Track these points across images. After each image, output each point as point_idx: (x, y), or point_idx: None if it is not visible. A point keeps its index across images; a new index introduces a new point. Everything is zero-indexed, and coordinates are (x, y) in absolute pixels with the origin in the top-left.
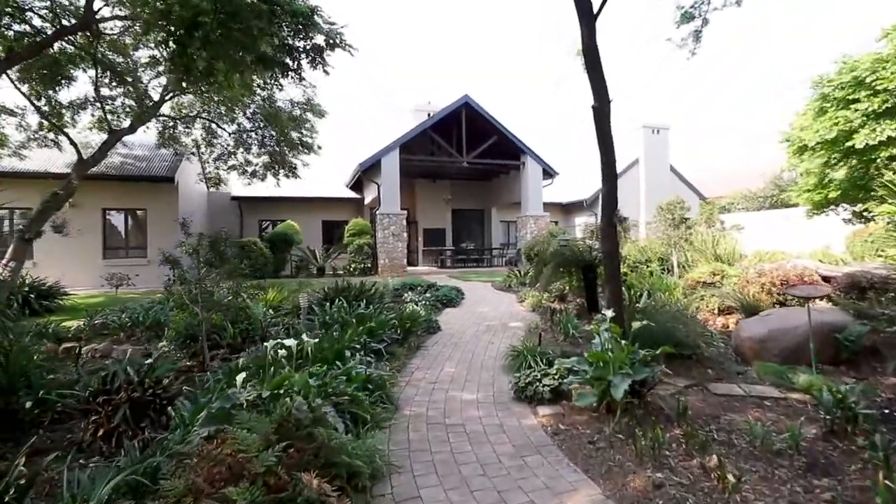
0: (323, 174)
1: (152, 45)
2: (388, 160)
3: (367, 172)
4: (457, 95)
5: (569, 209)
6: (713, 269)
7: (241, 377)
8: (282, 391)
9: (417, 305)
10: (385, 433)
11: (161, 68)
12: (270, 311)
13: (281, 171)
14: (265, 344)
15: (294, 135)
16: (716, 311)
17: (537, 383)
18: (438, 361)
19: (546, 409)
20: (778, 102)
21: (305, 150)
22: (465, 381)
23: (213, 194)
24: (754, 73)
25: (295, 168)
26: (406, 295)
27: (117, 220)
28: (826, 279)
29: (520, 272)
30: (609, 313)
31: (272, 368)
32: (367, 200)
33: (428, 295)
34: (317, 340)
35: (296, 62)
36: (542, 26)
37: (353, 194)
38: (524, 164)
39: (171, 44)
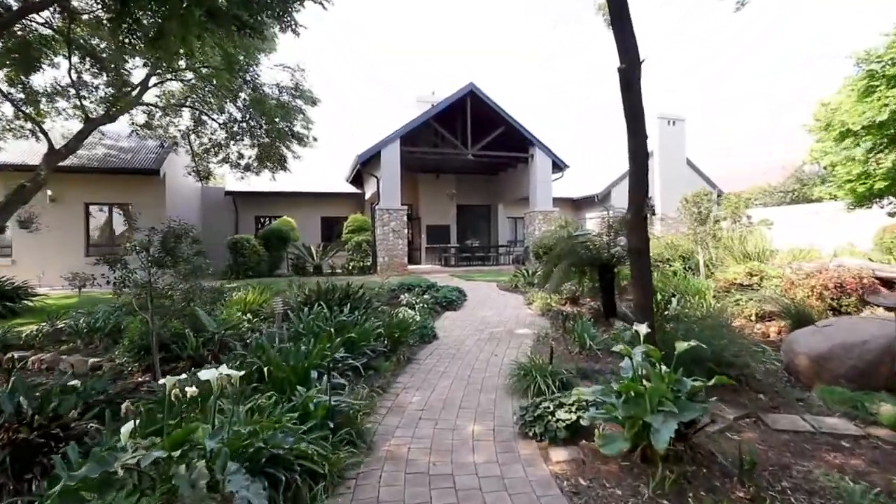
0: (323, 168)
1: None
2: (388, 152)
3: (367, 166)
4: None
5: (579, 204)
6: (749, 269)
7: (126, 429)
8: (180, 452)
9: (413, 309)
10: (348, 490)
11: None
12: (248, 315)
13: (268, 163)
14: (162, 382)
15: (283, 124)
16: (753, 318)
17: (549, 417)
18: (430, 379)
19: (561, 453)
20: (795, 79)
21: (297, 142)
22: (460, 408)
23: (207, 189)
24: (770, 50)
25: (284, 160)
26: (403, 297)
27: (101, 215)
28: (886, 282)
29: (527, 271)
30: (643, 329)
31: (177, 409)
32: (368, 195)
33: (426, 296)
34: (243, 373)
35: (255, 17)
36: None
37: (353, 189)
38: (532, 156)
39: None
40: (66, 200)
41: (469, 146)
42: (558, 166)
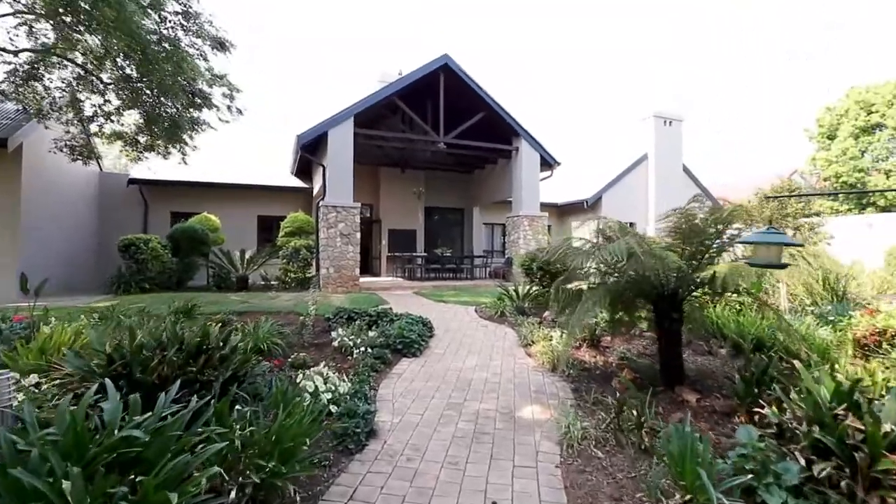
0: (266, 157)
1: None
2: (337, 133)
3: (314, 152)
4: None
5: (564, 211)
6: None
7: None
8: None
9: (350, 356)
10: None
11: None
12: (33, 376)
13: (158, 137)
14: None
15: (173, 72)
16: None
17: None
18: None
19: None
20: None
21: (203, 104)
22: None
23: (108, 176)
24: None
25: (178, 132)
26: (336, 334)
27: None
28: None
29: (517, 292)
30: None
31: None
32: (316, 190)
33: (373, 333)
34: None
35: None
36: None
37: (301, 184)
38: (517, 149)
39: None
40: None
41: (441, 133)
42: (547, 163)
